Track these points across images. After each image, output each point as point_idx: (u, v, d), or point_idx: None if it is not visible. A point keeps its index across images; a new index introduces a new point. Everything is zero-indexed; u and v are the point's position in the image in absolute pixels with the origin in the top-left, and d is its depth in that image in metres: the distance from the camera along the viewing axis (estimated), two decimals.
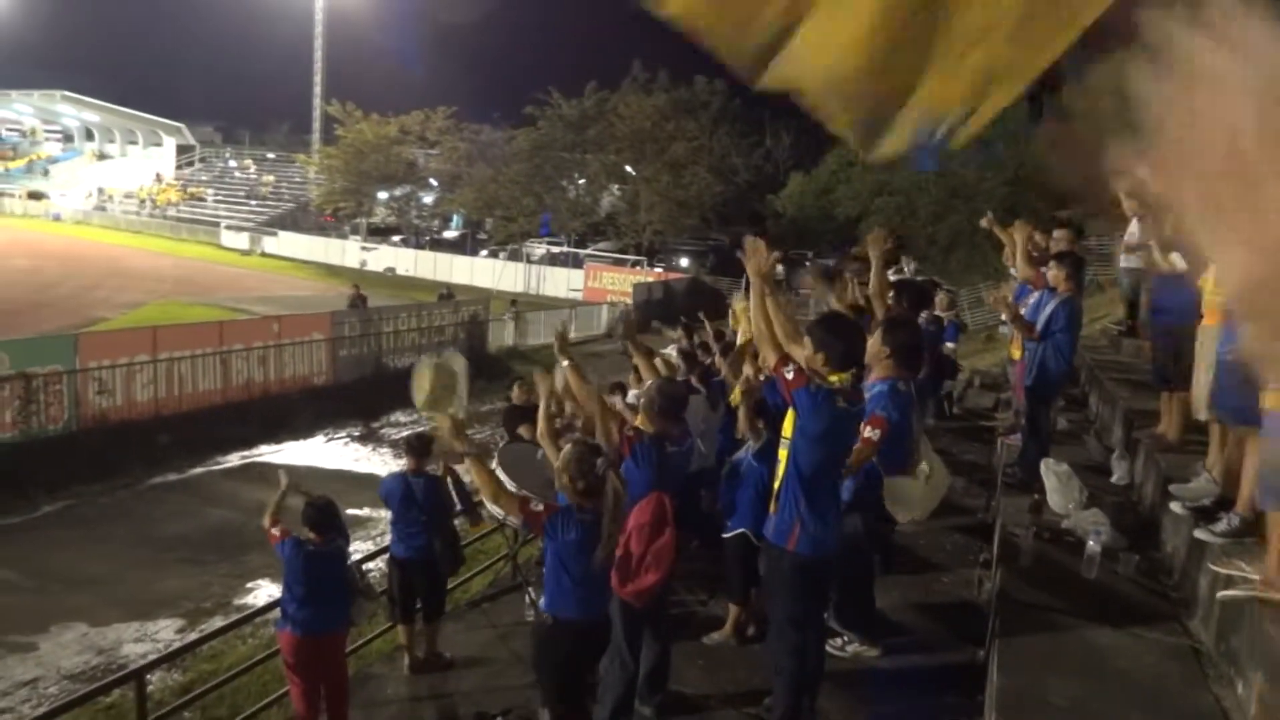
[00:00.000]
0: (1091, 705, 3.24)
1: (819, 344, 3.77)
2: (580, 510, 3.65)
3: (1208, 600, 3.71)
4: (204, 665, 7.36)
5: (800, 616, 3.96)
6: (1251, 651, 3.19)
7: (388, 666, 6.31)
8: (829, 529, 3.84)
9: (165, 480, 12.76)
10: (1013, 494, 5.62)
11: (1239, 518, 3.89)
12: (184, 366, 14.88)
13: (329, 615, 5.21)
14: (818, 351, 3.74)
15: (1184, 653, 3.64)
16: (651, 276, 34.49)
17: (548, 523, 3.64)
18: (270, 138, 73.66)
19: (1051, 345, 5.80)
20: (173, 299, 27.11)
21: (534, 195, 42.16)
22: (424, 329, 20.82)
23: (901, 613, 5.37)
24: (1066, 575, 4.34)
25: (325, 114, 48.54)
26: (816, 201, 40.93)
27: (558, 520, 3.64)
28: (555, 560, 3.69)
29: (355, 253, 42.15)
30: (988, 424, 9.44)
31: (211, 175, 60.81)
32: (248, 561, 9.83)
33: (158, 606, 8.86)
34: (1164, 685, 3.40)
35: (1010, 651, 3.66)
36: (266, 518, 5.28)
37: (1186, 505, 4.33)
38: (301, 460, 14.11)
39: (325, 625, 5.19)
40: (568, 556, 3.65)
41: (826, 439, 3.63)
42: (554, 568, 3.70)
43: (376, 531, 10.73)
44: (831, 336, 3.77)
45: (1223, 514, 4.02)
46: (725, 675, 4.93)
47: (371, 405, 16.96)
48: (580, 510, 3.65)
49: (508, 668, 6.07)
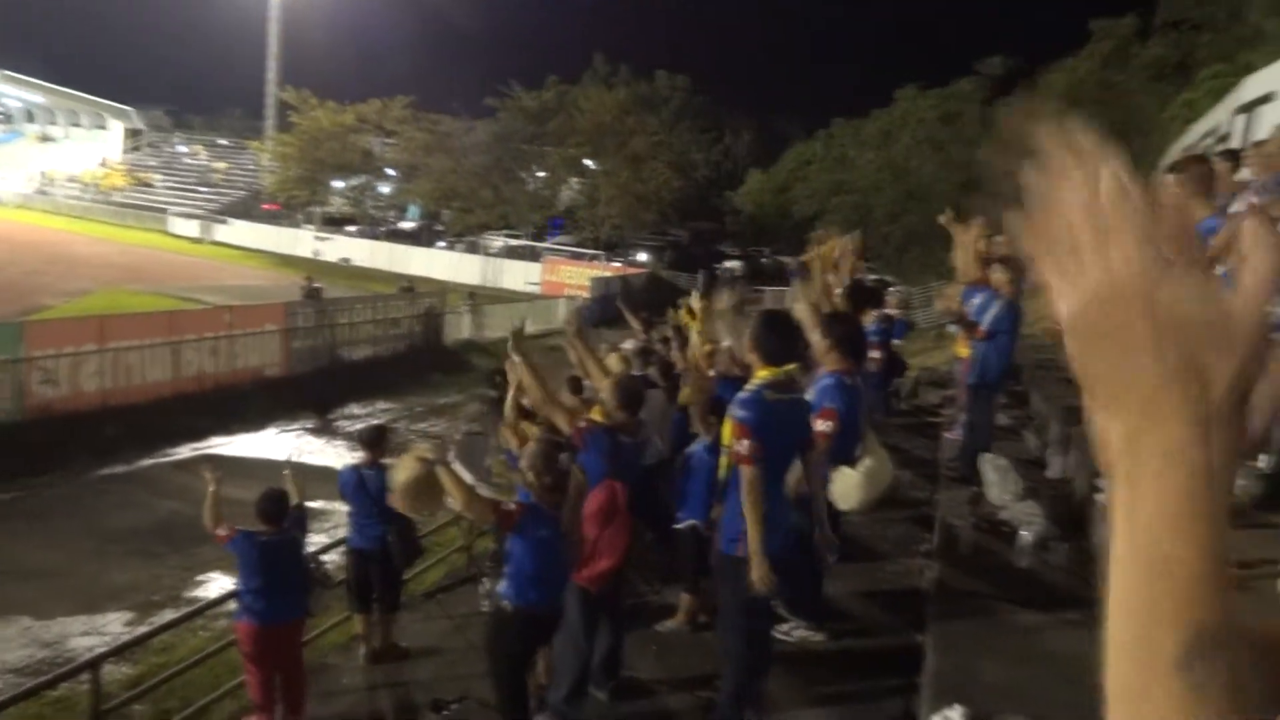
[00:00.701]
0: (1020, 684, 3.43)
1: (752, 340, 3.94)
2: (548, 505, 3.75)
3: None
4: (154, 658, 7.29)
5: (749, 606, 4.10)
6: None
7: (343, 657, 6.35)
8: (776, 529, 3.98)
9: (113, 472, 12.54)
10: (954, 487, 5.85)
11: None
12: (133, 356, 14.60)
13: (286, 605, 5.25)
14: (753, 347, 3.92)
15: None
16: (610, 271, 34.56)
17: (520, 521, 3.73)
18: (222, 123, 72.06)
19: (994, 345, 6.04)
20: (120, 287, 26.49)
21: (492, 187, 41.95)
22: (380, 321, 20.66)
23: (847, 600, 5.56)
24: (1002, 564, 4.56)
25: (279, 100, 47.65)
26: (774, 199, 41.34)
27: (528, 518, 3.73)
28: (522, 553, 3.78)
29: (309, 242, 41.52)
30: (934, 419, 9.72)
31: (160, 160, 59.30)
32: (199, 554, 9.71)
33: (106, 599, 8.73)
34: (1088, 665, 3.58)
35: (946, 635, 3.85)
36: (208, 519, 5.27)
37: None
38: (254, 452, 13.97)
39: (282, 615, 5.22)
40: (536, 550, 3.75)
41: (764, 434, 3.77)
42: (519, 560, 3.79)
43: (330, 524, 10.68)
44: (765, 333, 3.93)
45: None
46: (678, 661, 5.07)
47: (326, 397, 16.82)
48: (548, 505, 3.75)
49: (462, 657, 6.14)
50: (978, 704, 3.28)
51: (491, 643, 4.06)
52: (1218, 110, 11.36)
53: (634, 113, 42.00)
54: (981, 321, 6.16)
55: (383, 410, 17.20)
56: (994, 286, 6.17)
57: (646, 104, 44.64)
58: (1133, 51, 29.77)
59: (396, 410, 17.33)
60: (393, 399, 17.96)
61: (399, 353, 20.76)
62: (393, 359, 20.38)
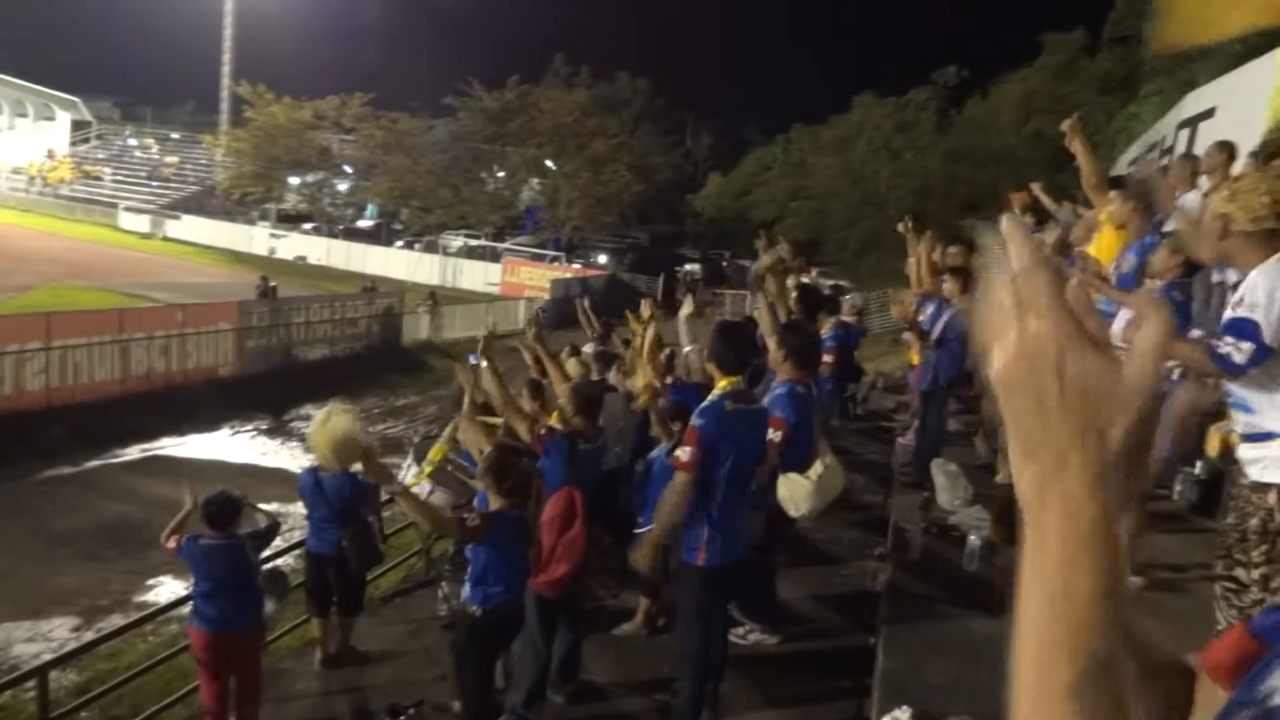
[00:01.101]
0: (966, 684, 3.55)
1: (711, 351, 4.02)
2: (509, 508, 3.78)
3: None
4: (102, 664, 7.16)
5: (706, 610, 4.18)
6: None
7: (298, 661, 6.29)
8: (737, 537, 4.06)
9: (59, 473, 12.25)
10: (906, 491, 5.98)
11: None
12: (79, 355, 14.27)
13: (238, 612, 5.15)
14: (710, 358, 4.00)
15: None
16: (570, 272, 34.52)
17: (488, 532, 3.74)
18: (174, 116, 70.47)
19: (945, 353, 6.19)
20: (67, 283, 25.81)
21: (451, 187, 41.65)
22: (337, 320, 20.43)
23: (801, 603, 5.66)
24: (950, 567, 4.69)
25: (234, 95, 46.77)
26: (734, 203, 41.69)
27: (494, 526, 3.75)
28: (488, 559, 3.79)
29: (264, 239, 40.82)
30: (889, 425, 9.90)
31: (109, 153, 57.77)
32: (148, 558, 9.54)
33: (51, 604, 8.54)
34: None
35: (896, 637, 3.96)
36: (166, 533, 5.20)
37: None
38: (206, 454, 13.74)
39: (234, 623, 5.13)
40: (502, 555, 3.77)
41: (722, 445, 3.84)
42: (485, 565, 3.80)
43: (286, 527, 10.55)
44: (721, 344, 4.02)
45: None
46: (635, 664, 5.13)
47: (280, 398, 16.58)
48: (509, 508, 3.78)
49: (419, 662, 6.13)
50: (926, 704, 3.39)
51: (462, 650, 4.07)
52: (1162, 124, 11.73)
53: (595, 114, 42.03)
54: (933, 330, 6.31)
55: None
56: (945, 295, 6.33)
57: (608, 106, 44.62)
58: (1082, 65, 30.61)
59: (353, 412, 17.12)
60: (349, 399, 17.60)
61: (356, 353, 20.56)
62: (349, 359, 20.17)
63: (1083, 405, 0.55)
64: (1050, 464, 0.55)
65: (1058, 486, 0.55)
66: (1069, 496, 0.55)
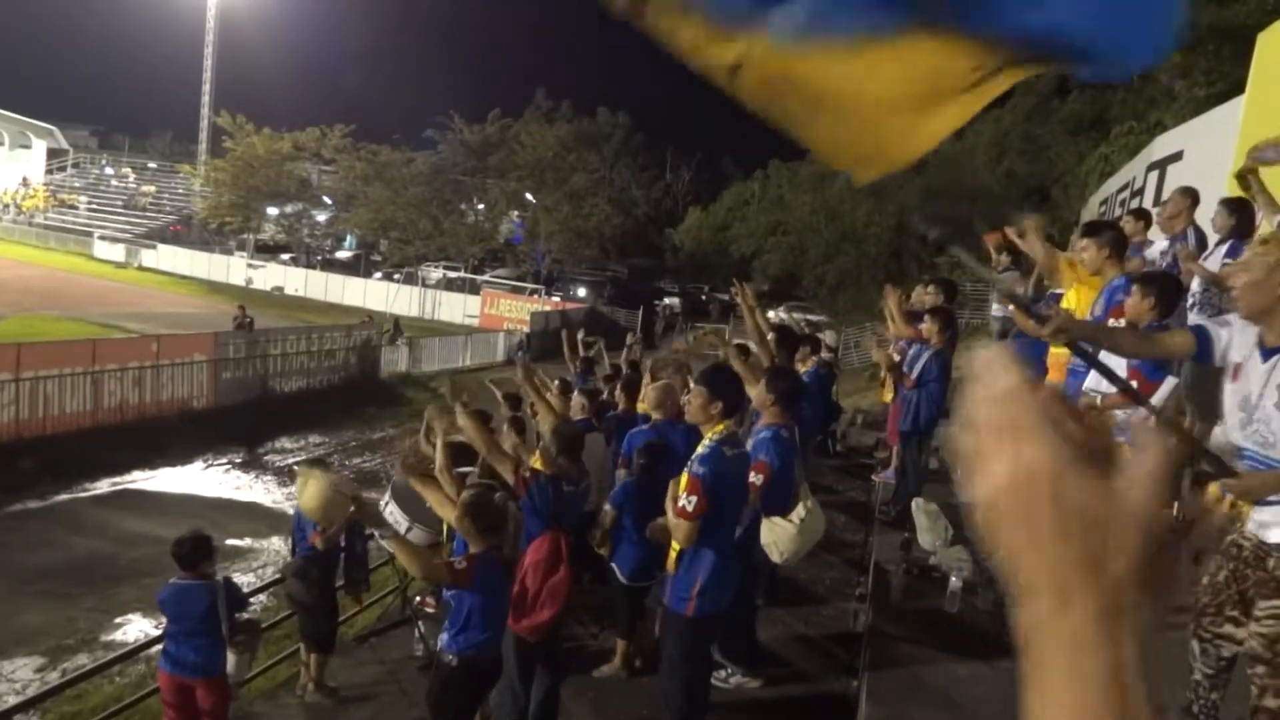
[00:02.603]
0: None
1: (715, 394, 4.00)
2: (490, 550, 3.74)
3: None
4: (67, 707, 6.97)
5: (692, 656, 4.14)
6: None
7: (270, 705, 6.16)
8: (727, 585, 4.04)
9: (25, 508, 11.98)
10: (886, 531, 5.99)
11: None
12: (50, 386, 14.04)
13: (211, 656, 5.04)
14: (714, 399, 3.98)
15: None
16: (549, 305, 34.55)
17: (475, 575, 3.69)
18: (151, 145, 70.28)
19: (925, 393, 6.24)
20: (39, 312, 25.48)
21: (431, 218, 41.71)
22: (314, 352, 20.28)
23: (783, 645, 5.62)
24: (932, 609, 4.69)
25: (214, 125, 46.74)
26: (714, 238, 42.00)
27: (481, 569, 3.70)
28: (474, 604, 3.73)
29: (241, 269, 40.60)
30: (868, 462, 9.94)
31: (85, 182, 57.42)
32: (117, 595, 9.35)
33: (14, 644, 8.31)
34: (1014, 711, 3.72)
35: (878, 681, 3.95)
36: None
37: None
38: (178, 488, 13.52)
39: (206, 668, 5.02)
40: (483, 599, 3.72)
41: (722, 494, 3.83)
42: (469, 611, 3.74)
43: (259, 563, 10.39)
44: (726, 387, 4.02)
45: None
46: (614, 707, 5.06)
47: (256, 431, 16.38)
48: (490, 550, 3.74)
49: (395, 702, 6.03)
50: None
51: (438, 700, 4.00)
52: (1132, 165, 11.99)
53: (575, 149, 42.35)
54: (911, 371, 6.37)
55: (315, 444, 16.84)
56: (924, 336, 6.40)
57: (588, 140, 45.04)
58: (1053, 106, 31.30)
59: (329, 444, 16.98)
60: (326, 432, 17.60)
61: (333, 385, 20.38)
62: (326, 391, 19.99)
63: (1084, 535, 0.50)
64: (1052, 602, 0.50)
65: (1063, 626, 0.50)
66: (1075, 638, 0.49)
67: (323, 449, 16.51)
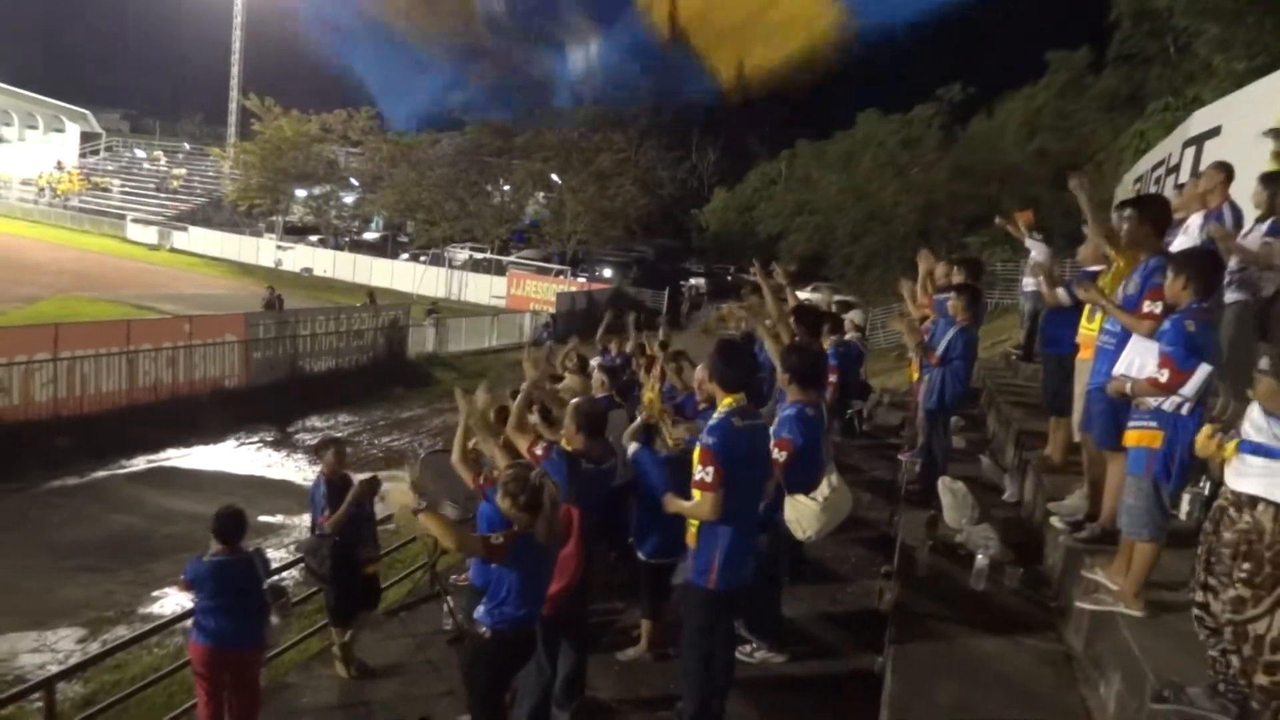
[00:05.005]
0: (973, 706, 3.54)
1: (712, 370, 4.04)
2: (527, 527, 3.76)
3: (1079, 609, 4.08)
4: (106, 676, 7.17)
5: (711, 629, 4.17)
6: (1112, 656, 3.54)
7: (303, 675, 6.29)
8: (747, 559, 4.05)
9: (64, 484, 12.27)
10: (912, 509, 5.97)
11: (1100, 527, 4.33)
12: (87, 366, 14.33)
13: (241, 628, 5.15)
14: (712, 377, 4.01)
15: (1057, 658, 3.98)
16: (575, 286, 34.61)
17: (511, 552, 3.72)
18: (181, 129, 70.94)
19: (950, 371, 6.19)
20: (74, 294, 25.94)
21: (457, 200, 41.85)
22: (342, 333, 20.49)
23: (808, 622, 5.64)
24: (958, 587, 4.68)
25: (242, 107, 47.12)
26: (739, 217, 41.82)
27: (519, 547, 3.73)
28: (511, 581, 3.77)
29: (270, 251, 41.04)
30: (895, 441, 9.88)
31: (118, 165, 58.21)
32: (153, 569, 9.56)
33: (56, 615, 8.54)
34: (1038, 687, 3.73)
35: (904, 657, 3.95)
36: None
37: (1063, 520, 4.73)
38: (211, 466, 13.76)
39: (237, 639, 5.12)
40: (518, 575, 3.75)
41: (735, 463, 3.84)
42: (507, 587, 3.77)
43: (290, 539, 10.57)
44: (722, 362, 4.03)
45: (1088, 524, 4.47)
46: (640, 683, 5.11)
47: (286, 410, 16.64)
48: (527, 527, 3.76)
49: (424, 676, 6.13)
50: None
51: (470, 670, 4.06)
52: (1168, 141, 11.74)
53: (601, 130, 42.22)
54: (937, 348, 6.32)
55: (344, 423, 17.05)
56: (949, 314, 6.33)
57: (614, 121, 44.86)
58: (1087, 83, 30.71)
59: (358, 423, 17.18)
60: (354, 412, 17.81)
61: (361, 365, 20.61)
62: (354, 371, 20.22)
63: None
64: None
65: None
66: None
67: (352, 428, 16.70)
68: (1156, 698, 2.96)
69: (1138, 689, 3.15)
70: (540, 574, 3.88)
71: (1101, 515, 4.44)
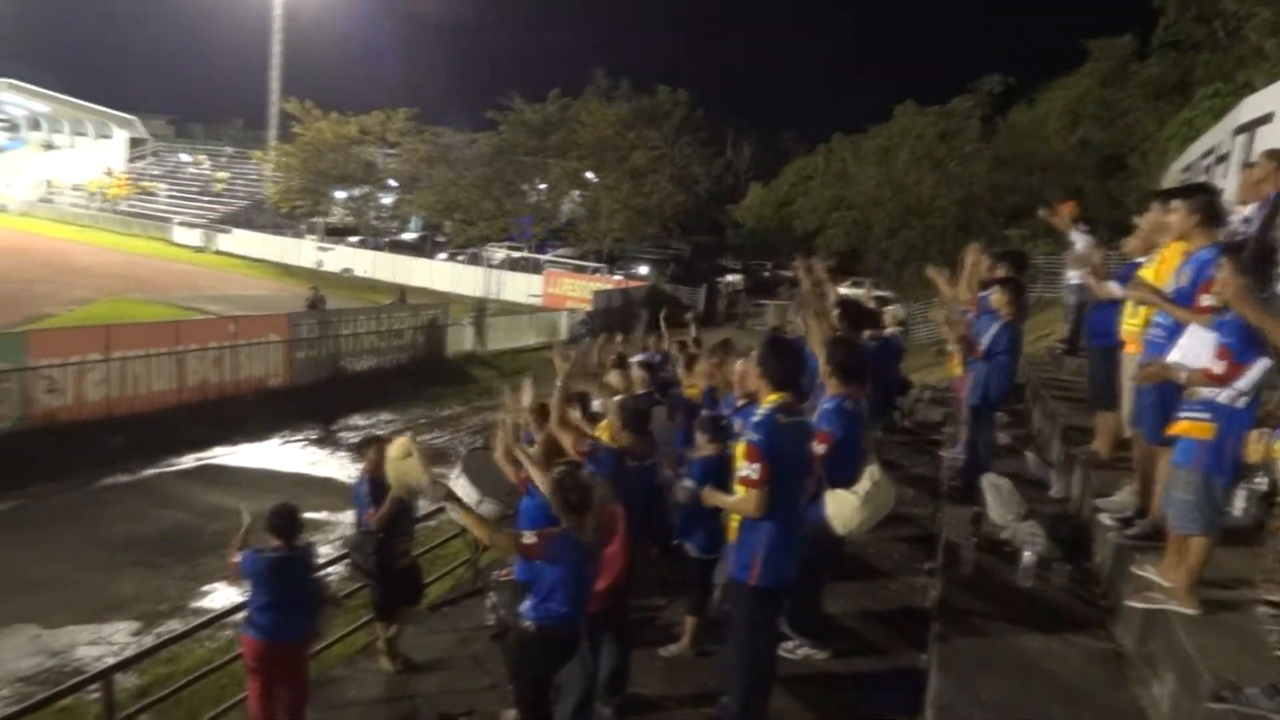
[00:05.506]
0: (1019, 704, 3.50)
1: (761, 365, 4.04)
2: (578, 530, 3.78)
3: (1130, 607, 4.01)
4: (160, 668, 7.35)
5: (756, 625, 4.17)
6: (1165, 654, 3.48)
7: (350, 669, 6.39)
8: (790, 556, 4.04)
9: (116, 481, 12.60)
10: (956, 505, 5.91)
11: (1150, 524, 4.25)
12: (138, 366, 14.70)
13: (294, 622, 5.25)
14: (760, 373, 4.01)
15: (1107, 656, 3.92)
16: (611, 283, 34.67)
17: (546, 550, 3.75)
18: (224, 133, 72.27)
19: (994, 365, 6.11)
20: (123, 296, 26.59)
21: (494, 199, 42.12)
22: (383, 332, 20.76)
23: (851, 618, 5.61)
24: (1003, 583, 4.63)
25: (282, 111, 47.88)
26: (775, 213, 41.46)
27: (558, 546, 3.75)
28: (555, 579, 3.80)
29: (311, 252, 41.66)
30: (936, 437, 9.78)
31: (164, 169, 59.54)
32: (203, 564, 9.78)
33: (111, 609, 8.78)
34: (1087, 686, 3.68)
35: (948, 654, 3.92)
36: (231, 550, 5.33)
37: (1113, 516, 4.65)
38: (258, 463, 14.03)
39: (288, 633, 5.23)
40: (560, 572, 3.78)
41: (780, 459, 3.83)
42: (552, 584, 3.81)
43: (335, 535, 10.74)
44: (772, 359, 4.02)
45: (1137, 520, 4.39)
46: (683, 678, 5.13)
47: (329, 408, 16.89)
48: (578, 530, 3.78)
49: (469, 671, 6.20)
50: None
51: (515, 664, 4.10)
52: (1217, 130, 11.45)
53: (635, 127, 42.23)
54: (980, 343, 6.24)
55: (385, 422, 17.26)
56: (993, 308, 6.25)
57: (648, 118, 44.86)
58: (1131, 70, 29.98)
59: (399, 422, 17.38)
60: (395, 410, 18.02)
61: (401, 364, 20.86)
62: (395, 370, 20.47)
63: None
64: None
65: None
66: None
67: (393, 426, 16.91)
68: (1214, 697, 2.91)
69: (1192, 688, 3.10)
70: (585, 573, 3.90)
71: (1152, 511, 4.37)
